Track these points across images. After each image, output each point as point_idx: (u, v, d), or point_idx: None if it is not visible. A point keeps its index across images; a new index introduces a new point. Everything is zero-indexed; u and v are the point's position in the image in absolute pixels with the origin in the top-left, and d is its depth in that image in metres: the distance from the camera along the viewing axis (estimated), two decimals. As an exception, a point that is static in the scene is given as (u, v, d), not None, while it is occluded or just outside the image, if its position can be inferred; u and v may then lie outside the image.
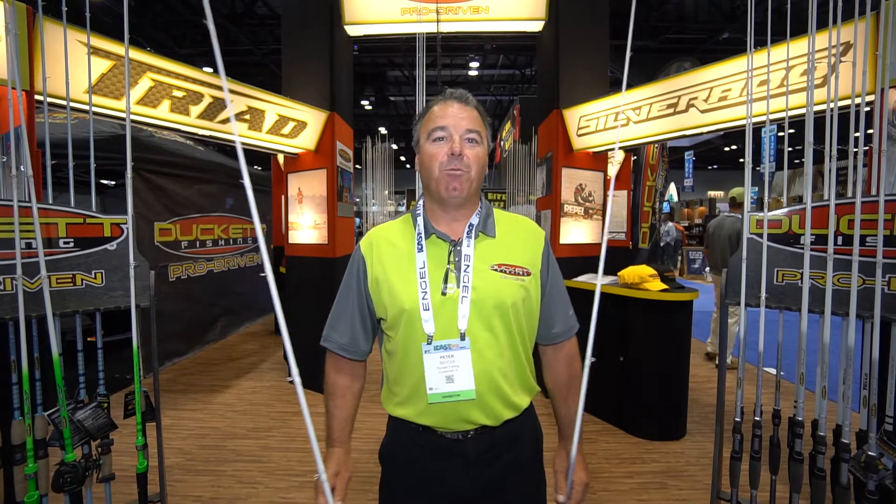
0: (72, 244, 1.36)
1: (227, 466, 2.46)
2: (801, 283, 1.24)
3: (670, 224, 9.16)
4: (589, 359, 0.80)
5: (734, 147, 18.06)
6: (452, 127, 0.86)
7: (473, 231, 0.90)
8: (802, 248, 1.24)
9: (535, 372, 1.00)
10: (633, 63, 8.53)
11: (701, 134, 2.62)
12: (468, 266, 0.86)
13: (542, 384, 0.99)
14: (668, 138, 2.81)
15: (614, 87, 4.04)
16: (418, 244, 0.90)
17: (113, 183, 4.72)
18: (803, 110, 1.41)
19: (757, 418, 1.36)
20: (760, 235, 1.34)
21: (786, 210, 1.33)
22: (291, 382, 0.65)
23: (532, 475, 0.97)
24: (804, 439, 1.33)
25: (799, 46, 1.74)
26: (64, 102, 1.57)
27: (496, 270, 0.88)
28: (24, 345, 1.28)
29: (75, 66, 1.66)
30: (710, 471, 2.36)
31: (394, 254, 0.91)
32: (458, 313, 0.84)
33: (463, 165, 0.85)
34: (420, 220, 0.92)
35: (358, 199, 10.82)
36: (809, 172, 1.23)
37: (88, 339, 1.49)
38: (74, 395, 1.44)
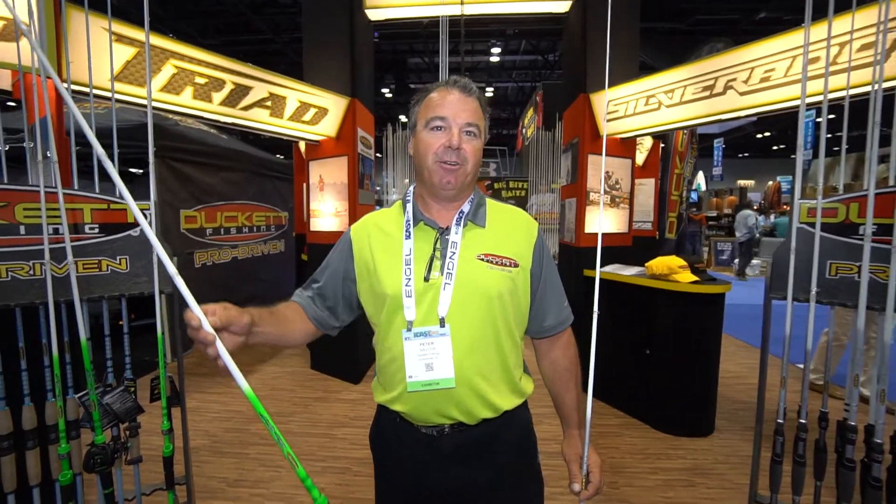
0: (97, 230, 1.38)
1: (250, 449, 2.51)
2: (859, 277, 1.15)
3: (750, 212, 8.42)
4: (596, 313, 0.81)
5: (767, 134, 17.23)
6: (452, 118, 0.83)
7: (463, 219, 0.89)
8: (861, 239, 1.14)
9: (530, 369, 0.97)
10: (662, 46, 8.18)
11: (739, 118, 2.48)
12: (454, 254, 0.85)
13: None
14: (704, 123, 2.67)
15: (644, 71, 3.86)
16: (406, 231, 0.89)
17: (140, 171, 4.83)
18: (860, 89, 1.29)
19: (802, 420, 1.27)
20: (812, 225, 1.24)
21: (843, 197, 1.22)
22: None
23: (518, 484, 0.92)
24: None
25: (845, 22, 1.59)
26: (90, 90, 1.57)
27: (482, 260, 0.86)
28: (53, 329, 1.31)
29: (101, 54, 1.66)
30: (741, 470, 2.27)
31: (383, 240, 0.91)
32: (439, 300, 0.83)
33: (459, 158, 0.84)
34: (409, 206, 0.91)
35: (378, 188, 10.84)
36: (874, 157, 1.11)
37: (119, 322, 1.51)
38: (103, 378, 1.47)
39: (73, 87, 1.63)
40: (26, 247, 1.28)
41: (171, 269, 0.59)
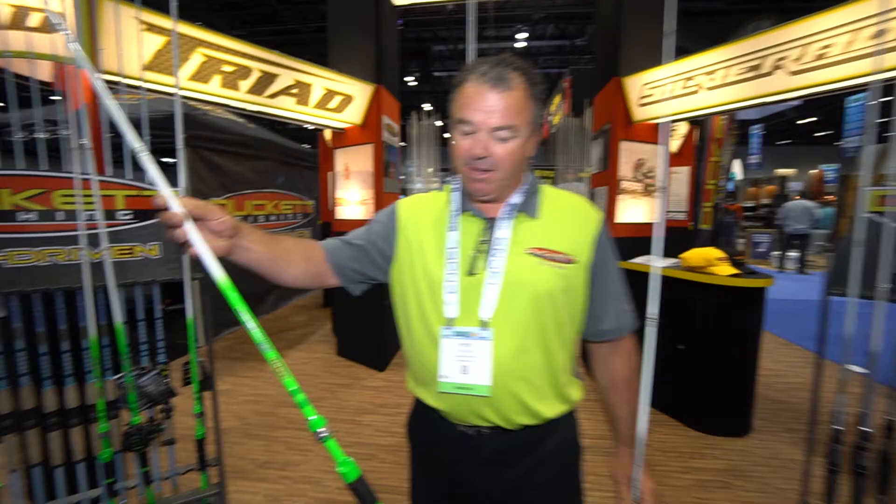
0: (130, 216, 1.40)
1: (279, 432, 2.56)
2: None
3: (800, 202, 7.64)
4: (654, 317, 0.73)
5: (811, 119, 16.21)
6: (480, 123, 0.73)
7: (513, 210, 0.80)
8: (941, 230, 1.03)
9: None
10: (698, 27, 7.75)
11: (787, 100, 2.31)
12: (501, 249, 0.78)
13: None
14: (747, 106, 2.51)
15: (680, 54, 3.64)
16: (451, 221, 0.82)
17: (174, 160, 4.96)
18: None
19: (866, 429, 1.17)
20: (882, 214, 1.12)
21: (921, 183, 1.10)
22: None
23: (558, 497, 0.86)
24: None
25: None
26: (121, 80, 1.59)
27: (533, 255, 0.77)
28: (90, 313, 1.34)
29: (132, 43, 1.68)
30: (781, 474, 2.16)
31: (429, 226, 0.84)
32: (482, 299, 0.76)
33: (488, 165, 0.75)
34: (456, 196, 0.84)
35: (403, 177, 10.83)
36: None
37: (160, 306, 1.54)
38: (138, 361, 1.51)
39: (105, 76, 1.66)
40: (64, 232, 1.32)
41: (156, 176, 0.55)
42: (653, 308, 0.68)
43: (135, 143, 0.54)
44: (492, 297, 0.76)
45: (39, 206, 1.30)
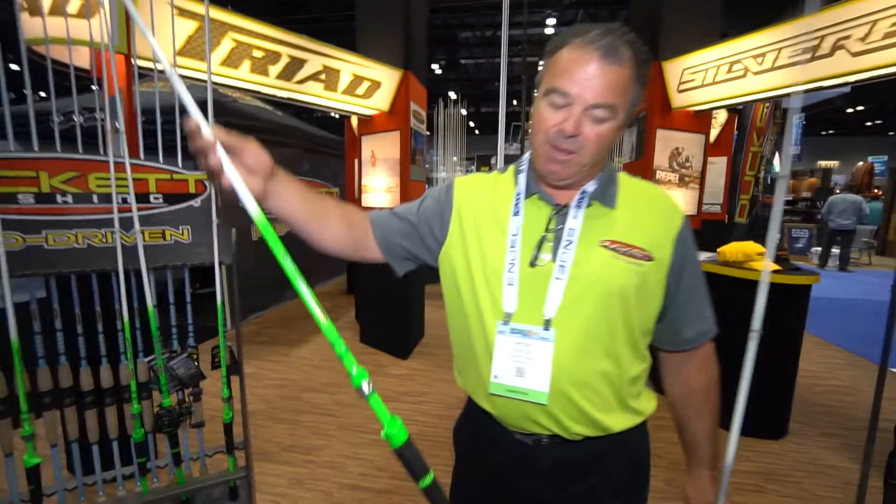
0: (161, 200, 1.41)
1: (303, 417, 2.60)
2: None
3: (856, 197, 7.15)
4: (756, 329, 0.67)
5: (861, 108, 15.19)
6: (577, 95, 0.63)
7: (586, 199, 0.71)
8: None
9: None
10: (738, 9, 7.32)
11: (847, 84, 2.14)
12: (570, 242, 0.69)
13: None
14: (799, 91, 2.34)
15: (724, 39, 3.43)
16: (515, 206, 0.73)
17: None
18: None
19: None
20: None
21: None
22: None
23: None
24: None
25: None
26: (157, 66, 1.59)
27: (607, 248, 0.69)
28: (123, 295, 1.37)
29: (166, 28, 1.68)
30: (819, 480, 2.06)
31: (489, 208, 0.76)
32: (546, 295, 0.68)
33: (574, 146, 0.65)
34: (523, 178, 0.75)
35: (427, 166, 10.76)
36: None
37: (192, 289, 1.56)
38: (168, 344, 1.53)
39: (140, 62, 1.67)
40: (99, 215, 1.34)
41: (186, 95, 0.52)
42: (757, 320, 0.60)
43: (167, 64, 0.52)
44: (557, 294, 0.68)
45: (75, 189, 1.32)
